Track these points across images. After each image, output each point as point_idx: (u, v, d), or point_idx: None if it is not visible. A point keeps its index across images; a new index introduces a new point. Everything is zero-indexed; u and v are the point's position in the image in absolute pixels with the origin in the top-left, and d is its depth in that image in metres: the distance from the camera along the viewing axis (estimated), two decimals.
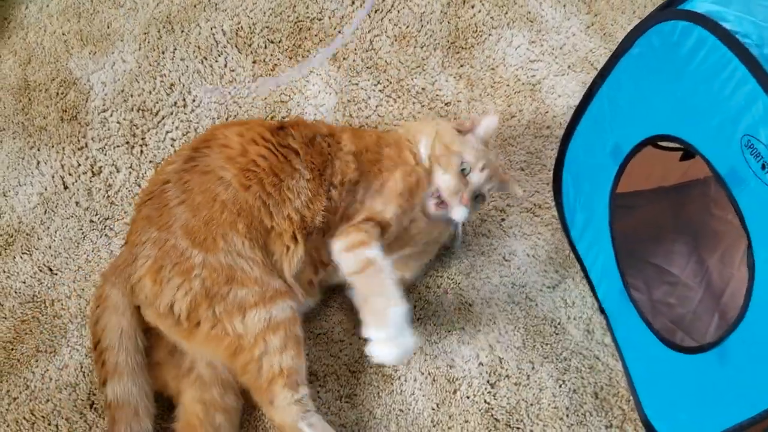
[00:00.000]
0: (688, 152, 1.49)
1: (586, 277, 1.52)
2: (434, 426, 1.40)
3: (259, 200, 1.30)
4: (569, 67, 1.87)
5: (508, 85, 1.83)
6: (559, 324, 1.51)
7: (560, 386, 1.45)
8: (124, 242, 1.36)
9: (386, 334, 1.22)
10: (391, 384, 1.43)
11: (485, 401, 1.42)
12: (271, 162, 1.32)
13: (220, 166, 1.31)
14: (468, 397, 1.43)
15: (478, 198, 1.45)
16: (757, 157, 1.00)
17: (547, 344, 1.49)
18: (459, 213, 1.40)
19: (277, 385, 1.24)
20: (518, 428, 1.40)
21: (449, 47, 1.88)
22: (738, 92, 1.04)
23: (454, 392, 1.43)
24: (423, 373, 1.45)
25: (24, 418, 1.38)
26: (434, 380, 1.44)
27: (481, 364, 1.46)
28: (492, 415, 1.41)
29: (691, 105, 1.15)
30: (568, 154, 1.49)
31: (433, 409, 1.41)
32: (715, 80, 1.08)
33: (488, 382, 1.44)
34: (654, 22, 1.20)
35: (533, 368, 1.46)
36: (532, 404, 1.43)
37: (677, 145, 1.23)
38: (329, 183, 1.36)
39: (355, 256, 1.31)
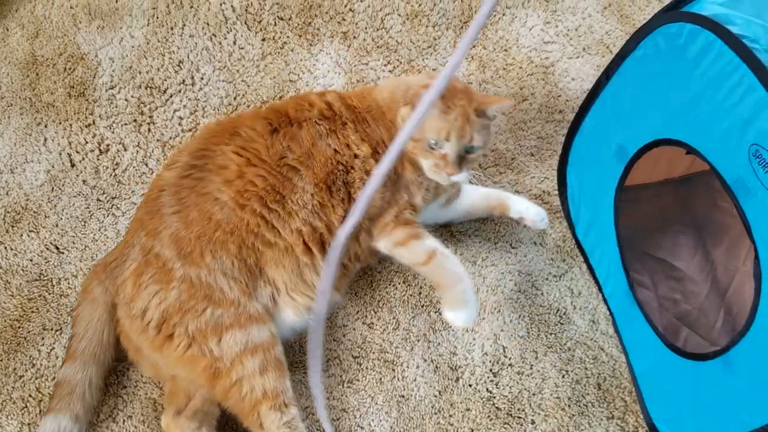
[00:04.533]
0: None
1: (592, 274, 1.51)
2: (436, 413, 1.41)
3: (258, 217, 1.29)
4: (584, 49, 1.83)
5: (520, 68, 1.80)
6: (564, 314, 1.51)
7: (563, 376, 1.44)
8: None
9: (466, 314, 1.30)
10: (393, 370, 1.44)
11: (487, 390, 1.43)
12: (270, 182, 1.30)
13: (218, 188, 1.29)
14: (470, 386, 1.43)
15: (470, 151, 1.36)
16: (766, 167, 0.98)
17: (551, 334, 1.48)
18: (457, 178, 1.35)
19: (262, 408, 1.24)
20: (520, 417, 1.40)
21: (461, 27, 1.84)
22: (746, 100, 1.02)
23: (457, 380, 1.43)
24: (426, 360, 1.45)
25: (30, 395, 1.39)
26: (437, 367, 1.44)
27: (485, 353, 1.46)
28: (494, 404, 1.41)
29: (697, 110, 1.12)
30: (572, 151, 1.47)
31: (435, 397, 1.42)
32: (722, 86, 1.06)
33: (491, 370, 1.44)
34: (659, 24, 1.18)
35: (537, 358, 1.46)
36: (534, 394, 1.43)
37: None
38: (345, 192, 1.35)
39: (413, 250, 1.36)
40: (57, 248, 1.54)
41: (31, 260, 1.52)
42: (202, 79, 1.73)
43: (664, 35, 1.18)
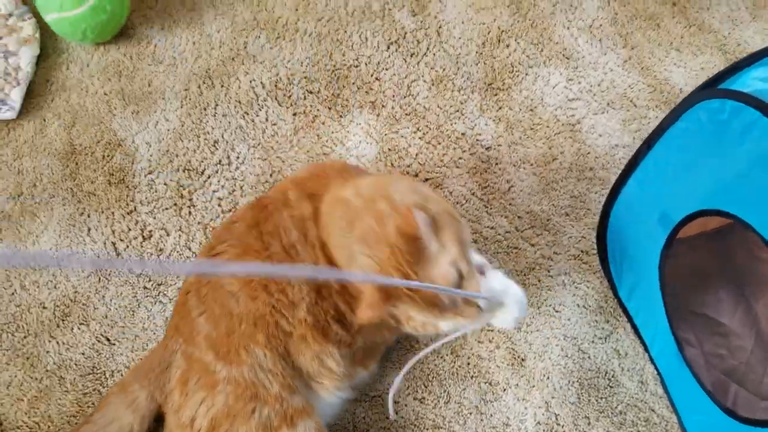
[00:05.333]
0: None
1: (637, 334, 1.52)
2: None
3: (269, 306, 1.26)
4: (608, 104, 1.86)
5: (547, 127, 1.83)
6: (613, 376, 1.52)
7: None
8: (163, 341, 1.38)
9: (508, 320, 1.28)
10: None
11: None
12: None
13: (228, 282, 1.27)
14: None
15: None
16: None
17: (602, 398, 1.50)
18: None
19: None
20: None
21: (486, 89, 1.88)
22: None
23: None
24: None
25: None
26: None
27: (537, 422, 1.47)
28: None
29: (746, 185, 1.13)
30: (611, 217, 1.49)
31: None
32: None
33: None
34: (699, 99, 1.19)
35: (589, 424, 1.47)
36: None
37: None
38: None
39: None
40: (108, 340, 1.56)
41: (83, 354, 1.54)
42: (237, 158, 1.77)
43: (705, 110, 1.19)
